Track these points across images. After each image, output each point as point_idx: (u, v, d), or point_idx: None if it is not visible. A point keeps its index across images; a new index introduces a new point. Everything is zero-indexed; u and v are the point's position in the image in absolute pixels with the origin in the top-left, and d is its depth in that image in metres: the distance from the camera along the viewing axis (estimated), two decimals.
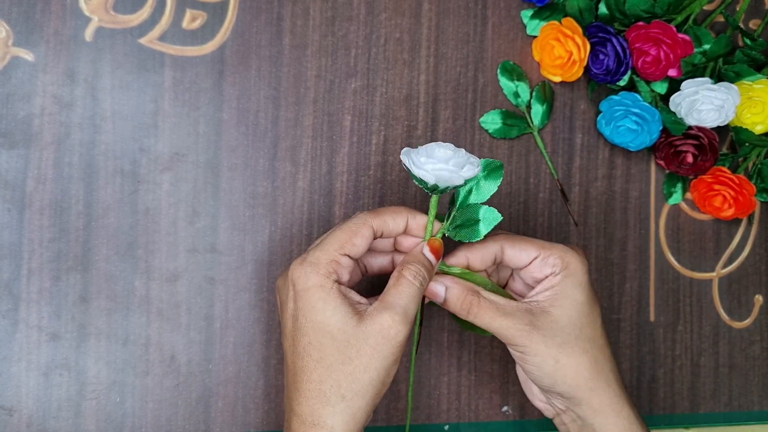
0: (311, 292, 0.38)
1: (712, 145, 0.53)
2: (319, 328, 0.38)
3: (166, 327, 0.48)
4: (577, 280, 0.42)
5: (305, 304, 0.38)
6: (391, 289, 0.40)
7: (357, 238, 0.40)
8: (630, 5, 0.51)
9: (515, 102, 0.53)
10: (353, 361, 0.38)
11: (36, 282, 0.46)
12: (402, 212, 0.42)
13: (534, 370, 0.42)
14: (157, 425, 0.48)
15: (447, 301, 0.42)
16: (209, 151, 0.49)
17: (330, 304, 0.38)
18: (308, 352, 0.38)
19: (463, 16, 0.53)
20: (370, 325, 0.38)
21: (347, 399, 0.38)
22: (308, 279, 0.38)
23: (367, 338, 0.38)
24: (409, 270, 0.40)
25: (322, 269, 0.39)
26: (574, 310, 0.42)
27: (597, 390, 0.42)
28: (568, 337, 0.41)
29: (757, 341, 0.58)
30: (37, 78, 0.47)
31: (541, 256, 0.42)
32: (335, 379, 0.38)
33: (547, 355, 0.41)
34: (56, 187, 0.47)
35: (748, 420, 0.57)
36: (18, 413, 0.46)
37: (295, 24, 0.50)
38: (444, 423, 0.52)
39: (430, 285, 0.42)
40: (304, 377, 0.38)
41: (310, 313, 0.38)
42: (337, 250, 0.39)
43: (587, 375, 0.42)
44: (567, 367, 0.41)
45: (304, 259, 0.39)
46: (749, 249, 0.58)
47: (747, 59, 0.54)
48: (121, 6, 0.48)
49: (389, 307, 0.39)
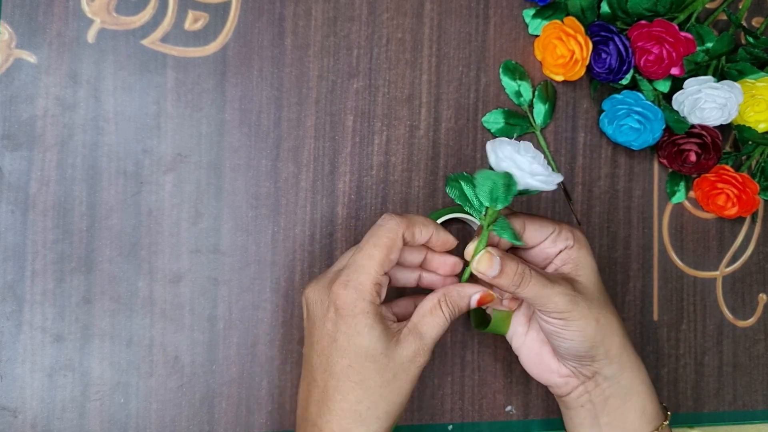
0: (358, 319, 0.39)
1: (715, 144, 0.53)
2: (362, 352, 0.39)
3: (169, 328, 0.48)
4: (589, 251, 0.44)
5: (350, 328, 0.39)
6: (427, 318, 0.41)
7: (393, 253, 0.40)
8: (632, 4, 0.51)
9: (517, 101, 0.53)
10: (390, 384, 0.39)
11: (40, 283, 0.46)
12: (430, 225, 0.42)
13: (576, 335, 0.43)
14: (161, 426, 0.48)
15: (502, 273, 0.41)
16: (212, 152, 0.49)
17: (375, 330, 0.39)
18: (347, 374, 0.39)
19: (465, 16, 0.53)
20: (406, 350, 0.40)
21: (381, 420, 0.39)
22: (355, 305, 0.39)
23: (402, 362, 0.39)
24: (447, 307, 0.41)
25: (367, 295, 0.39)
26: (594, 276, 0.44)
27: (625, 346, 0.44)
28: (599, 301, 0.43)
29: (762, 340, 0.58)
30: (39, 80, 0.47)
31: (556, 232, 0.44)
32: (373, 401, 0.39)
33: (590, 317, 0.42)
34: (60, 189, 0.47)
35: (752, 419, 0.57)
36: (22, 414, 0.46)
37: (297, 24, 0.50)
38: (448, 423, 0.52)
39: (486, 256, 0.41)
40: (339, 397, 0.39)
41: (355, 337, 0.39)
42: (377, 271, 0.40)
43: (619, 333, 0.44)
44: (605, 327, 0.43)
45: (348, 282, 0.39)
46: (753, 247, 0.58)
47: (750, 57, 0.54)
48: (124, 7, 0.48)
49: (423, 336, 0.40)
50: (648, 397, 0.45)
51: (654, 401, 0.45)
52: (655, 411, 0.45)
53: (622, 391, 0.44)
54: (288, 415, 0.49)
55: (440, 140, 0.52)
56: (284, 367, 0.49)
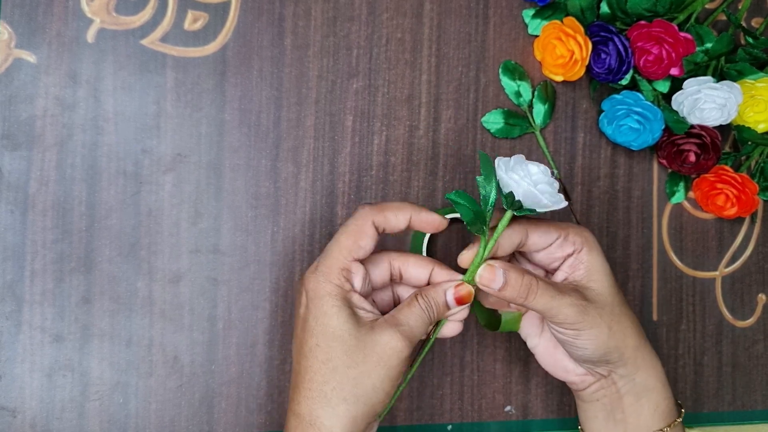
0: (324, 300, 0.39)
1: (715, 144, 0.53)
2: (328, 332, 0.39)
3: (169, 328, 0.48)
4: (599, 253, 0.44)
5: (317, 309, 0.39)
6: (404, 309, 0.41)
7: (362, 239, 0.40)
8: (632, 4, 0.51)
9: (517, 101, 0.53)
10: (359, 365, 0.38)
11: (39, 283, 0.46)
12: (405, 208, 0.41)
13: (588, 344, 0.43)
14: (161, 426, 0.48)
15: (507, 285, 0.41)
16: (211, 152, 0.49)
17: (343, 311, 0.39)
18: (314, 353, 0.39)
19: (465, 16, 0.53)
20: (379, 335, 0.39)
21: (348, 402, 0.38)
22: (321, 287, 0.39)
23: (374, 346, 0.39)
24: (424, 301, 0.41)
25: (334, 278, 0.40)
26: (606, 280, 0.44)
27: (640, 347, 0.44)
28: (612, 305, 0.43)
29: (761, 340, 0.58)
30: (39, 80, 0.47)
31: (561, 237, 0.43)
32: (338, 381, 0.38)
33: (602, 325, 0.42)
34: (59, 189, 0.47)
35: (751, 419, 0.57)
36: (22, 414, 0.46)
37: (296, 24, 0.50)
38: (447, 423, 0.52)
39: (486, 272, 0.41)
40: (307, 377, 0.39)
41: (321, 317, 0.39)
42: (345, 257, 0.40)
43: (633, 335, 0.44)
44: (619, 333, 0.43)
45: (317, 267, 0.40)
46: (752, 248, 0.58)
47: (749, 58, 0.54)
48: (123, 7, 0.48)
49: (398, 323, 0.40)
50: (662, 394, 0.45)
51: (668, 398, 0.45)
52: (669, 408, 0.45)
53: (636, 389, 0.44)
54: (287, 415, 0.49)
55: (440, 140, 0.52)
56: (283, 367, 0.49)
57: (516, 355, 0.53)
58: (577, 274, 0.44)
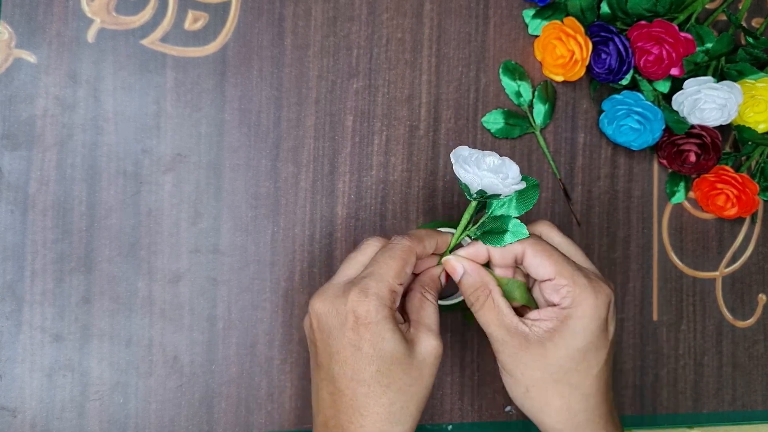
0: (381, 325, 0.39)
1: (715, 144, 0.53)
2: (388, 357, 0.39)
3: (169, 328, 0.48)
4: (581, 326, 0.40)
5: (374, 336, 0.39)
6: (422, 311, 0.42)
7: (408, 266, 0.42)
8: (632, 4, 0.51)
9: (517, 102, 0.53)
10: (417, 381, 0.40)
11: (39, 283, 0.46)
12: (434, 235, 0.44)
13: (505, 385, 0.44)
14: (161, 426, 0.48)
15: (461, 283, 0.44)
16: (211, 152, 0.49)
17: (397, 334, 0.40)
18: (377, 379, 0.39)
19: (465, 16, 0.53)
20: (424, 347, 0.41)
21: (413, 415, 0.41)
22: (377, 312, 0.39)
23: (424, 359, 0.41)
24: (430, 294, 0.43)
25: (387, 302, 0.40)
26: (566, 353, 0.41)
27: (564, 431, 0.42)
28: (550, 376, 0.41)
29: (761, 340, 0.58)
30: (39, 80, 0.47)
31: (554, 282, 0.41)
32: (405, 400, 0.40)
33: (521, 381, 0.42)
34: (59, 189, 0.47)
35: (751, 419, 0.57)
36: (22, 414, 0.46)
37: (296, 24, 0.50)
38: (447, 423, 0.52)
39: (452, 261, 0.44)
40: (372, 402, 0.40)
41: (380, 343, 0.39)
42: (394, 279, 0.41)
43: (555, 417, 0.42)
44: (534, 400, 0.42)
45: (367, 291, 0.40)
46: (752, 248, 0.58)
47: (749, 58, 0.54)
48: (123, 7, 0.48)
49: (429, 328, 0.41)
50: None
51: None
52: None
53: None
54: (287, 414, 0.49)
55: (440, 140, 0.52)
56: (283, 367, 0.49)
57: None
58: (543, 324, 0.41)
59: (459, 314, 0.52)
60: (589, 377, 0.41)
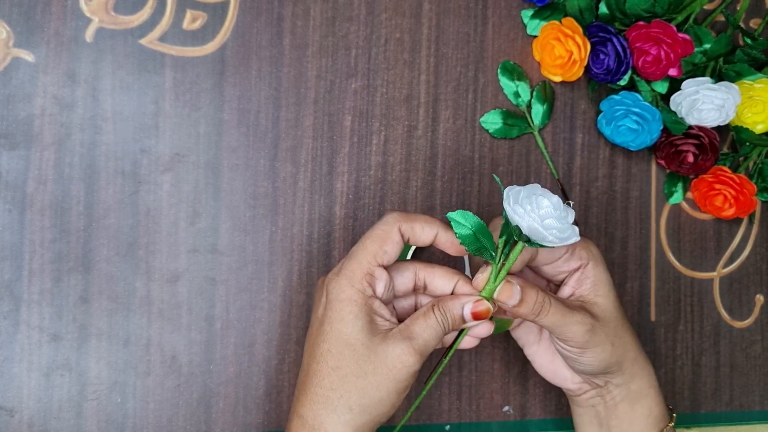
0: (343, 304, 0.39)
1: (713, 145, 0.53)
2: (342, 338, 0.39)
3: (167, 327, 0.48)
4: (604, 267, 0.44)
5: (334, 313, 0.39)
6: (419, 320, 0.40)
7: (387, 244, 0.40)
8: (630, 5, 0.51)
9: (516, 102, 0.53)
10: (368, 376, 0.38)
11: (37, 283, 0.46)
12: (434, 223, 0.41)
13: (592, 360, 0.43)
14: (158, 426, 0.48)
15: (522, 303, 0.40)
16: (210, 152, 0.49)
17: (360, 319, 0.39)
18: (326, 358, 0.39)
19: (464, 16, 0.53)
20: (391, 347, 0.39)
21: (354, 411, 0.38)
22: (342, 291, 0.39)
23: (385, 358, 0.39)
24: (440, 314, 0.40)
25: (356, 283, 0.39)
26: (612, 294, 0.44)
27: (637, 357, 0.45)
28: (615, 320, 0.44)
29: (758, 341, 0.58)
30: (37, 79, 0.47)
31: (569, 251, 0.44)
32: (346, 389, 0.38)
33: (606, 342, 0.42)
34: (57, 188, 0.47)
35: (749, 420, 0.57)
36: (19, 414, 0.46)
37: (295, 24, 0.50)
38: (445, 423, 0.52)
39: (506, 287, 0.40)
40: (316, 381, 0.39)
41: (337, 323, 0.39)
42: (369, 261, 0.40)
43: (633, 348, 0.44)
44: (620, 347, 0.43)
45: (340, 270, 0.40)
46: (750, 248, 0.58)
47: (747, 58, 0.54)
48: (122, 7, 0.48)
49: (412, 336, 0.39)
50: (655, 400, 0.46)
51: (660, 403, 0.46)
52: (661, 413, 0.46)
53: (631, 396, 0.45)
54: (285, 414, 0.49)
55: (438, 140, 0.52)
56: (281, 367, 0.49)
57: (514, 355, 0.53)
58: (583, 289, 0.44)
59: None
60: (620, 303, 0.45)
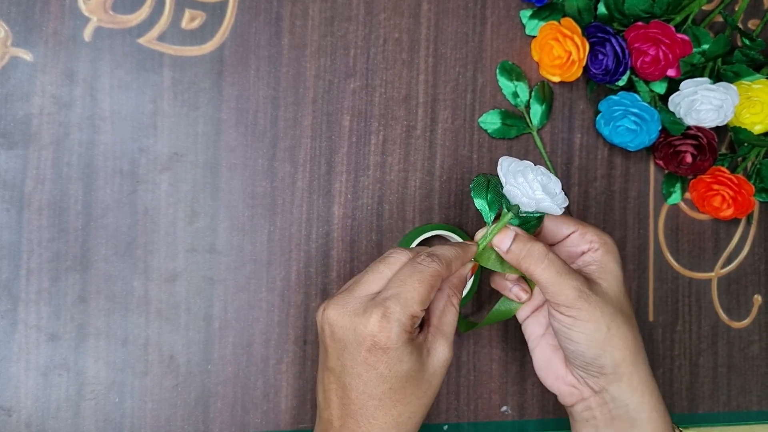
0: (400, 350, 0.39)
1: (711, 145, 0.53)
2: (402, 376, 0.40)
3: (165, 327, 0.48)
4: (616, 258, 0.44)
5: (392, 359, 0.39)
6: (444, 317, 0.42)
7: (434, 292, 0.41)
8: (629, 5, 0.51)
9: (514, 102, 0.53)
10: (427, 393, 0.41)
11: (35, 282, 0.46)
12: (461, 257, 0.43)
13: (583, 338, 0.42)
14: (156, 425, 0.48)
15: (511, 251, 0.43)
16: (208, 151, 0.49)
17: (414, 354, 0.40)
18: (389, 395, 0.40)
19: (462, 16, 0.53)
20: (436, 358, 0.41)
21: (419, 423, 0.41)
22: (398, 339, 0.39)
23: (435, 371, 0.41)
24: (456, 298, 0.43)
25: (408, 327, 0.40)
26: (616, 284, 0.43)
27: (638, 366, 0.43)
28: (616, 309, 0.42)
29: (756, 341, 0.58)
30: (35, 78, 0.47)
31: (579, 232, 0.44)
32: (413, 411, 0.41)
33: (601, 321, 0.41)
34: (55, 187, 0.47)
35: (747, 420, 0.57)
36: (17, 413, 0.46)
37: (294, 24, 0.50)
38: (443, 423, 0.52)
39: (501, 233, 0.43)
40: (381, 413, 0.40)
41: (397, 366, 0.39)
42: (419, 305, 0.40)
43: (632, 349, 0.43)
44: (616, 337, 0.42)
45: (389, 317, 0.39)
46: (748, 249, 0.58)
47: (746, 59, 0.54)
48: (120, 6, 0.48)
49: (446, 336, 0.42)
50: (659, 426, 0.43)
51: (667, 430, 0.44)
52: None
53: (629, 415, 0.43)
54: (283, 414, 0.49)
55: (437, 140, 0.52)
56: (280, 367, 0.49)
57: (512, 355, 0.53)
58: (589, 269, 0.44)
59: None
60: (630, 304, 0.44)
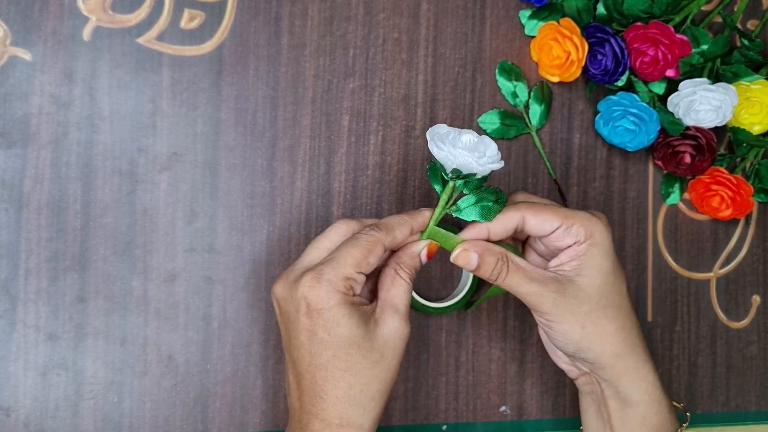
0: (334, 311, 0.39)
1: (710, 146, 0.53)
2: (344, 341, 0.39)
3: (164, 327, 0.48)
4: (603, 250, 0.42)
5: (327, 320, 0.39)
6: (392, 290, 0.42)
7: (371, 257, 0.41)
8: (628, 5, 0.51)
9: (513, 102, 0.53)
10: (378, 364, 0.40)
11: (33, 282, 0.46)
12: (407, 223, 0.43)
13: (559, 337, 0.43)
14: (155, 425, 0.48)
15: (480, 268, 0.42)
16: (207, 151, 0.49)
17: (353, 317, 0.39)
18: (333, 363, 0.39)
19: (462, 16, 0.53)
20: (386, 329, 0.40)
21: (375, 399, 0.40)
22: (329, 298, 0.39)
23: (386, 341, 0.40)
24: (404, 272, 0.42)
25: (341, 287, 0.40)
26: (600, 279, 0.42)
27: (623, 355, 0.43)
28: (595, 306, 0.42)
29: (755, 341, 0.58)
30: (34, 77, 0.47)
31: (563, 226, 0.42)
32: (364, 383, 0.40)
33: (573, 323, 0.42)
34: (54, 187, 0.47)
35: (745, 420, 0.58)
36: (15, 413, 0.46)
37: (293, 24, 0.50)
38: (442, 423, 0.52)
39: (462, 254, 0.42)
40: (330, 385, 0.40)
41: (334, 329, 0.39)
42: (353, 267, 0.40)
43: (614, 342, 0.43)
44: (593, 335, 0.42)
45: (320, 277, 0.39)
46: (747, 249, 0.58)
47: (745, 60, 0.54)
48: (119, 5, 0.48)
49: (396, 309, 0.41)
50: (651, 408, 0.44)
51: (659, 412, 0.44)
52: (660, 423, 0.44)
53: (620, 397, 0.44)
54: (282, 414, 0.49)
55: None
56: (279, 367, 0.49)
57: (511, 355, 0.53)
58: (567, 265, 0.43)
59: (455, 314, 0.52)
60: (623, 295, 0.44)
